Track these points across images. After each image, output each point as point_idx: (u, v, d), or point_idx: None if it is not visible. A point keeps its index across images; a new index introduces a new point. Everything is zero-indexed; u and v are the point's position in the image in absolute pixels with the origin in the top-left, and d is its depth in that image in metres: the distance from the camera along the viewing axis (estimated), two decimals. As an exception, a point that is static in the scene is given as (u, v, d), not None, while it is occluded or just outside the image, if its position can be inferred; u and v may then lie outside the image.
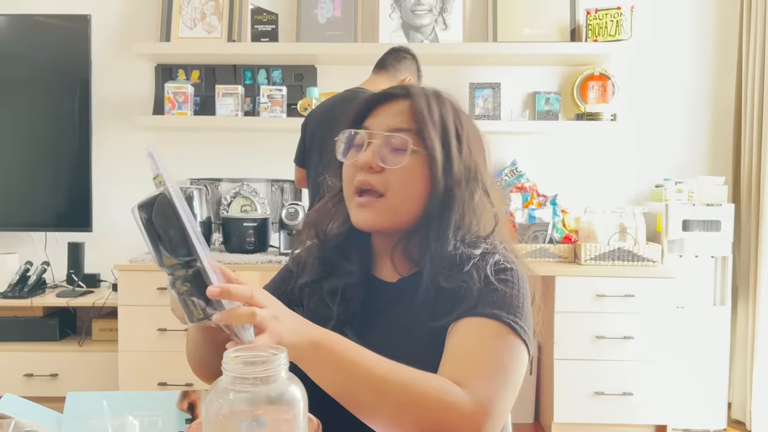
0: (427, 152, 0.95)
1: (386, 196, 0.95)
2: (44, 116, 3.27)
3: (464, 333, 0.88)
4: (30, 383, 2.99)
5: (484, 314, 0.88)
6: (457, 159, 0.96)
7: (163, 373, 2.83)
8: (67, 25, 3.23)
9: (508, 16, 3.23)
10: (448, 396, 0.78)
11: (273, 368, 0.62)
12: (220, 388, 0.61)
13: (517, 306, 0.91)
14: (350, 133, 0.99)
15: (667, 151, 3.33)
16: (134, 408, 0.86)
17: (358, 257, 1.03)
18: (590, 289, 2.79)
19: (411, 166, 0.94)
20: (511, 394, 0.85)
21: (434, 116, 0.96)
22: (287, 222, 2.95)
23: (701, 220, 2.96)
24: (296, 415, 0.62)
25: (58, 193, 3.30)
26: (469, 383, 0.81)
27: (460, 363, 0.85)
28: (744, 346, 3.07)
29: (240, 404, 0.61)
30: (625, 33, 3.08)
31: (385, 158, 0.95)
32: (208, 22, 3.25)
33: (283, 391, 0.62)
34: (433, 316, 0.92)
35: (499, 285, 0.92)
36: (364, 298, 1.00)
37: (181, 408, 0.91)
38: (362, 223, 0.97)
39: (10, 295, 3.04)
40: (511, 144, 3.32)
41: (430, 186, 0.95)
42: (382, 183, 0.94)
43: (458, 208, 0.96)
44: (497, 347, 0.87)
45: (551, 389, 2.82)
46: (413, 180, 0.95)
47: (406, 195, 0.95)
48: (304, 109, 3.10)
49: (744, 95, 3.11)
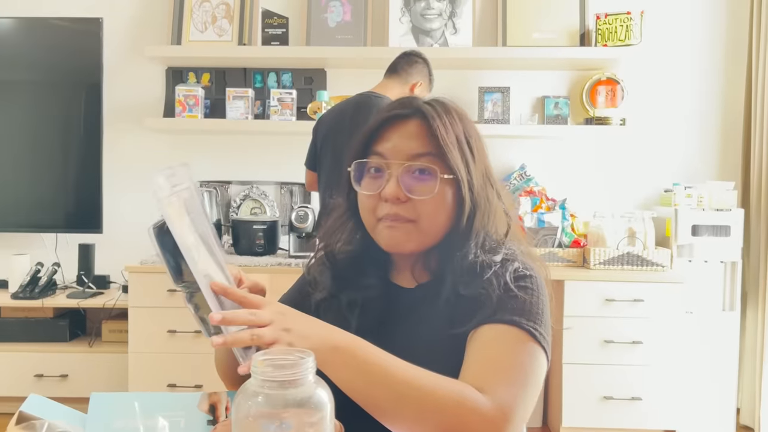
0: (453, 176, 0.94)
1: (417, 222, 0.94)
2: (55, 118, 3.29)
3: (485, 340, 0.89)
4: (40, 383, 3.00)
5: (504, 321, 0.89)
6: (474, 171, 0.96)
7: (173, 374, 2.84)
8: (79, 28, 3.26)
9: (517, 20, 3.24)
10: (469, 401, 0.79)
11: (301, 372, 0.63)
12: (249, 391, 0.62)
13: (537, 313, 0.91)
14: (363, 167, 0.97)
15: (676, 155, 3.33)
16: (156, 409, 0.87)
17: (375, 270, 1.03)
18: (599, 293, 2.79)
19: (439, 191, 0.93)
20: (531, 400, 0.86)
21: (451, 136, 0.94)
22: (297, 225, 2.96)
23: (711, 225, 2.95)
24: (323, 418, 0.63)
25: (68, 194, 3.32)
26: (490, 389, 0.81)
27: (481, 370, 0.85)
28: (753, 352, 3.06)
29: (268, 407, 0.62)
30: (635, 38, 3.08)
31: (411, 188, 0.93)
32: (219, 26, 3.27)
33: (310, 395, 0.63)
34: (452, 324, 0.92)
35: (518, 292, 0.92)
36: (382, 304, 1.00)
37: (203, 409, 0.91)
38: (393, 247, 0.97)
39: (21, 295, 3.06)
40: (520, 148, 3.32)
41: (457, 206, 0.96)
42: (411, 212, 0.94)
43: (480, 217, 0.97)
44: (518, 353, 0.87)
45: (560, 393, 2.82)
46: (443, 204, 0.95)
47: (437, 220, 0.95)
48: (314, 113, 3.11)
49: (754, 100, 3.11)
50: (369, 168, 0.97)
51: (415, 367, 0.81)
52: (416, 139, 0.95)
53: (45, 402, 0.85)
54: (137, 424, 0.75)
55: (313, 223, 2.94)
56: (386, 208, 0.94)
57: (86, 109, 3.27)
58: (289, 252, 3.03)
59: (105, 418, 0.85)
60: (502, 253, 0.98)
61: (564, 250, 3.00)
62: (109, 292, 3.19)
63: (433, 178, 0.93)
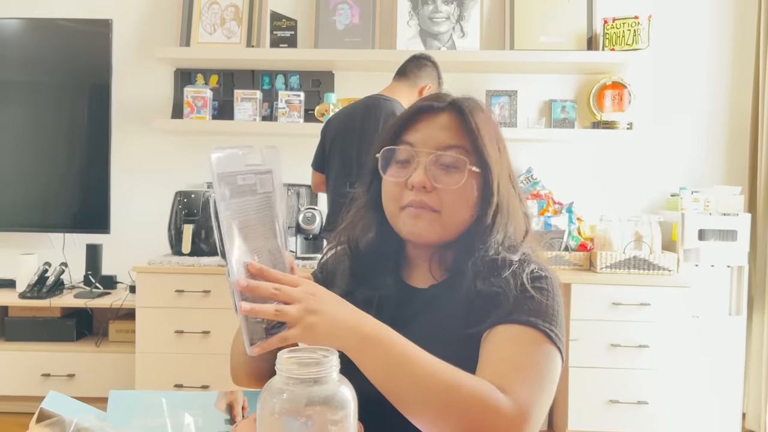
0: (482, 170, 0.95)
1: (441, 212, 0.95)
2: (64, 119, 3.31)
3: (501, 340, 0.89)
4: (47, 383, 3.01)
5: (520, 321, 0.90)
6: (500, 169, 0.97)
7: (180, 374, 2.85)
8: (88, 30, 3.27)
9: (525, 24, 3.25)
10: (491, 400, 0.80)
11: (325, 370, 0.63)
12: (274, 388, 0.63)
13: (552, 314, 0.92)
14: (392, 153, 0.98)
15: (683, 159, 3.33)
16: (175, 407, 0.88)
17: (390, 267, 1.03)
18: (606, 297, 2.79)
19: (466, 184, 0.94)
20: (547, 401, 0.87)
21: (482, 130, 0.96)
22: (304, 226, 2.97)
23: (717, 229, 2.96)
24: (347, 415, 0.64)
25: (76, 194, 3.33)
26: (510, 389, 0.82)
27: (499, 369, 0.86)
28: (759, 357, 3.06)
29: (292, 404, 0.63)
30: (643, 42, 3.09)
31: (438, 178, 0.94)
32: (228, 28, 3.28)
33: (334, 392, 0.64)
34: (467, 323, 0.93)
35: (534, 293, 0.93)
36: (397, 305, 1.00)
37: (220, 408, 0.92)
38: (415, 236, 0.97)
39: (29, 295, 3.07)
40: (527, 151, 3.33)
41: (482, 200, 0.96)
42: (436, 201, 0.94)
43: (502, 215, 0.97)
44: (534, 354, 0.88)
45: (566, 396, 2.83)
46: (468, 197, 0.95)
47: (461, 211, 0.96)
48: (321, 115, 3.12)
49: (761, 105, 3.11)
50: (397, 157, 0.97)
51: (440, 361, 0.81)
52: (448, 131, 0.96)
53: (65, 399, 0.86)
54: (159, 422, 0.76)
55: (321, 225, 2.95)
56: (411, 195, 0.94)
57: (95, 109, 3.29)
58: (296, 253, 3.04)
59: (124, 416, 0.85)
60: (520, 253, 0.98)
61: (571, 254, 3.01)
62: (116, 293, 3.20)
63: (460, 170, 0.94)
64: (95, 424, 0.62)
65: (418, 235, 0.96)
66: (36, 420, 0.80)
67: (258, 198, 0.80)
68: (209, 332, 2.84)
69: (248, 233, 0.77)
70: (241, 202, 0.76)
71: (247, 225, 0.77)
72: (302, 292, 0.77)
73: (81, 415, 0.64)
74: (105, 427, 0.61)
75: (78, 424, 0.62)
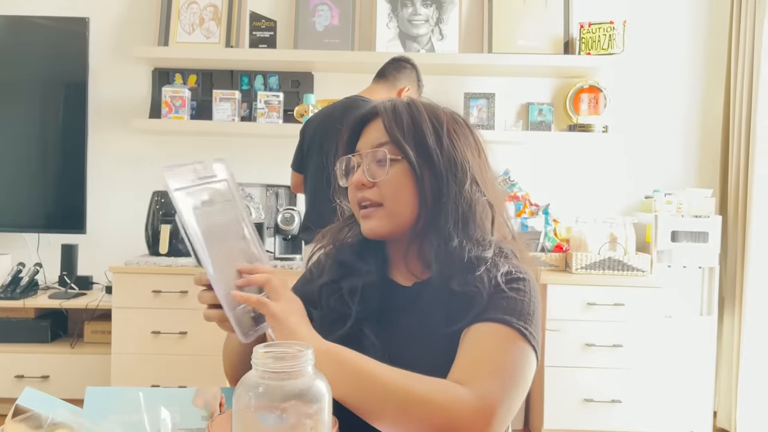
0: (405, 158, 0.99)
1: (384, 205, 1.00)
2: (40, 118, 3.27)
3: (474, 338, 0.91)
4: (21, 384, 2.97)
5: (494, 319, 0.92)
6: (437, 155, 0.99)
7: (157, 375, 2.83)
8: (65, 28, 3.24)
9: (503, 27, 3.28)
10: (450, 395, 0.82)
11: (300, 364, 0.64)
12: (250, 383, 0.64)
13: (528, 313, 0.94)
14: (344, 160, 1.06)
15: (656, 163, 3.39)
16: (152, 404, 0.88)
17: (374, 261, 1.07)
18: (581, 297, 2.83)
19: (396, 174, 1.00)
20: (517, 396, 0.88)
21: (403, 123, 1.01)
22: (283, 227, 2.97)
23: (689, 231, 3.02)
24: (321, 409, 0.65)
25: (52, 194, 3.30)
26: (474, 382, 0.85)
27: (467, 365, 0.88)
28: (729, 356, 3.13)
29: (268, 398, 0.64)
30: (618, 47, 3.15)
31: (373, 173, 1.01)
32: (207, 28, 3.27)
33: (309, 386, 0.65)
34: (448, 322, 0.95)
35: (510, 292, 0.95)
36: (381, 298, 1.03)
37: (197, 405, 0.93)
38: (368, 232, 1.03)
39: (2, 296, 3.04)
40: (505, 154, 3.37)
41: (419, 187, 1.00)
42: (377, 195, 1.00)
43: (450, 201, 0.99)
44: (506, 351, 0.90)
45: (541, 395, 2.86)
46: (402, 185, 1.00)
47: (400, 200, 1.00)
48: (301, 116, 3.13)
49: (732, 110, 3.18)
50: (347, 166, 1.06)
51: (397, 370, 0.84)
52: (378, 132, 1.03)
53: (41, 396, 0.86)
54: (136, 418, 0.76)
55: (299, 226, 2.95)
56: (358, 194, 1.02)
57: (71, 108, 3.25)
58: (275, 254, 3.04)
59: (101, 412, 0.86)
60: (493, 249, 1.00)
61: (547, 255, 3.04)
62: (92, 293, 3.17)
63: (386, 160, 1.00)
64: (71, 419, 0.63)
65: (373, 232, 1.02)
66: (11, 416, 0.80)
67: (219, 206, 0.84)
68: (186, 333, 2.83)
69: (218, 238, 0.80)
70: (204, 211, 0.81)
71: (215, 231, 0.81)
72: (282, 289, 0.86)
73: (56, 410, 0.64)
74: (81, 422, 0.62)
75: (53, 419, 0.62)
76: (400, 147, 0.99)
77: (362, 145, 1.05)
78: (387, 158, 0.99)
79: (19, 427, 0.65)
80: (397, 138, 1.00)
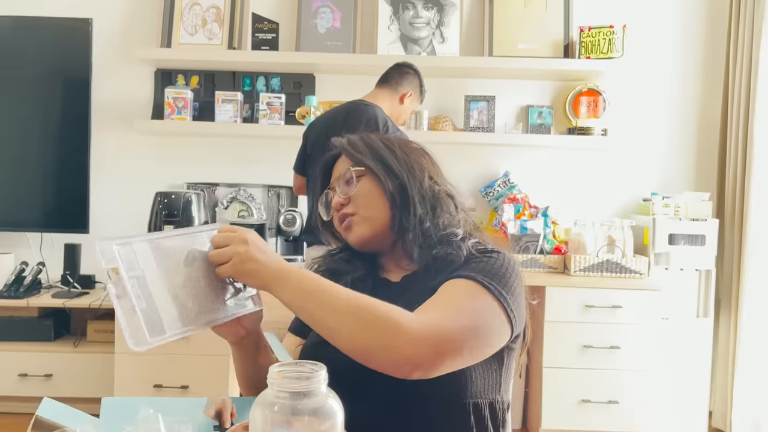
0: (368, 169, 1.14)
1: (359, 212, 1.14)
2: (43, 118, 3.29)
3: (440, 289, 0.98)
4: (24, 383, 3.01)
5: (461, 276, 0.99)
6: (394, 162, 1.14)
7: (159, 375, 2.86)
8: (68, 29, 3.26)
9: (503, 31, 3.31)
10: (397, 316, 0.88)
11: (314, 383, 0.68)
12: (266, 401, 0.67)
13: (497, 275, 0.99)
14: (323, 197, 1.21)
15: (654, 166, 3.43)
16: (164, 414, 0.91)
17: (362, 264, 1.18)
18: (579, 299, 2.87)
19: (364, 185, 1.14)
20: (472, 336, 0.92)
21: (358, 146, 1.17)
22: (285, 228, 3.00)
23: (686, 234, 3.05)
24: (334, 425, 0.68)
25: (55, 194, 3.32)
26: (423, 313, 0.91)
27: (424, 306, 0.94)
28: (725, 357, 3.16)
29: (283, 415, 0.67)
30: (617, 51, 3.17)
31: (345, 191, 1.15)
32: (209, 29, 3.29)
33: (323, 404, 0.68)
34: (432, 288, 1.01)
35: (482, 258, 1.03)
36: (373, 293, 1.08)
37: (209, 414, 0.96)
38: (355, 240, 1.15)
39: (6, 294, 3.06)
40: (504, 156, 3.40)
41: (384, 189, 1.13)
42: (352, 208, 1.14)
43: (415, 193, 1.12)
44: (463, 295, 0.96)
45: (539, 396, 2.90)
46: (372, 193, 1.14)
47: (372, 205, 1.13)
48: (302, 117, 3.15)
49: (730, 114, 3.22)
50: (326, 201, 1.20)
51: (353, 291, 0.92)
52: (343, 162, 1.20)
53: (59, 407, 0.89)
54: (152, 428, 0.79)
55: (301, 227, 2.98)
56: (338, 215, 1.16)
57: (74, 108, 3.27)
58: (276, 255, 3.07)
59: (117, 423, 0.89)
60: (463, 230, 1.11)
61: (545, 257, 3.08)
62: (95, 292, 3.20)
63: (352, 176, 1.15)
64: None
65: (358, 237, 1.14)
66: (32, 427, 0.83)
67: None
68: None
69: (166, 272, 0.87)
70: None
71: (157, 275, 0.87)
72: (235, 239, 0.93)
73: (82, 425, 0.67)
74: (104, 436, 0.65)
75: (79, 435, 0.65)
76: (361, 164, 1.15)
77: (333, 180, 1.20)
78: (353, 175, 1.14)
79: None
80: (357, 158, 1.15)
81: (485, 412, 1.02)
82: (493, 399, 1.04)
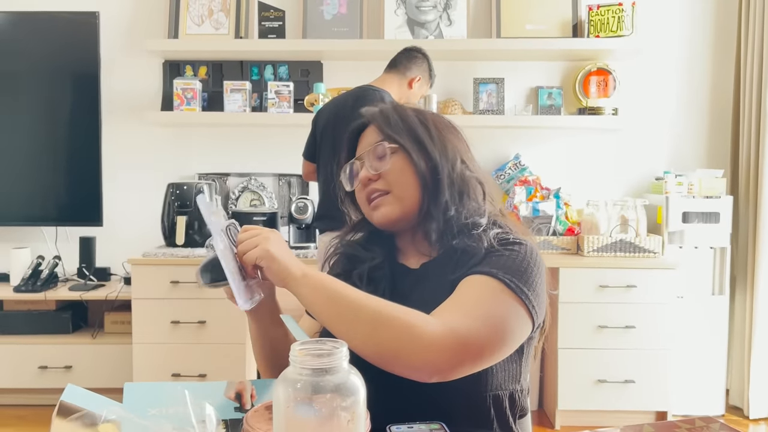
0: (401, 147, 1.09)
1: (392, 191, 1.09)
2: (53, 112, 3.31)
3: (459, 287, 0.97)
4: (44, 375, 3.05)
5: (481, 272, 0.97)
6: (429, 142, 1.10)
7: (177, 364, 2.89)
8: (75, 22, 3.26)
9: (511, 12, 3.28)
10: (419, 319, 0.87)
11: (336, 360, 0.68)
12: (289, 378, 0.68)
13: (519, 271, 0.97)
14: (347, 166, 1.15)
15: (667, 144, 3.40)
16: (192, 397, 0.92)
17: (380, 250, 1.14)
18: (593, 280, 2.86)
19: (397, 162, 1.09)
20: (494, 339, 0.91)
21: (393, 120, 1.12)
22: (297, 216, 3.01)
23: (700, 212, 3.03)
24: (356, 402, 0.69)
25: (68, 188, 3.34)
26: (442, 315, 0.90)
27: (443, 306, 0.94)
28: (741, 335, 3.15)
29: (306, 392, 0.67)
30: (627, 29, 3.14)
31: (376, 167, 1.10)
32: (216, 19, 3.29)
33: (345, 380, 0.68)
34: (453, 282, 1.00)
35: (504, 251, 1.00)
36: (391, 281, 1.09)
37: (229, 396, 0.97)
38: (381, 218, 1.10)
39: (24, 288, 3.09)
40: (515, 138, 3.38)
41: (417, 170, 1.09)
42: (384, 184, 1.09)
43: (445, 177, 1.08)
44: (483, 295, 0.94)
45: (555, 377, 2.90)
46: (404, 171, 1.08)
47: (405, 184, 1.08)
48: (311, 105, 3.15)
49: (742, 89, 3.18)
50: (351, 171, 1.14)
51: (372, 296, 0.91)
52: (373, 134, 1.14)
53: (82, 392, 0.90)
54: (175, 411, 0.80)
55: (313, 215, 2.99)
56: (366, 190, 1.11)
57: (84, 102, 3.29)
58: (289, 243, 3.08)
59: (141, 406, 0.90)
60: (487, 219, 1.07)
61: (558, 238, 3.07)
62: (111, 284, 3.23)
63: (387, 153, 1.10)
64: (122, 415, 0.67)
65: (385, 217, 1.09)
66: (57, 413, 0.84)
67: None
68: (205, 322, 2.88)
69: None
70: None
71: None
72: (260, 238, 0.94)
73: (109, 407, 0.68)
74: (130, 417, 0.66)
75: (107, 417, 0.66)
76: (394, 140, 1.09)
77: (361, 150, 1.14)
78: (387, 150, 1.09)
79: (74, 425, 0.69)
80: (390, 134, 1.10)
81: (505, 402, 1.02)
82: (513, 389, 1.04)
